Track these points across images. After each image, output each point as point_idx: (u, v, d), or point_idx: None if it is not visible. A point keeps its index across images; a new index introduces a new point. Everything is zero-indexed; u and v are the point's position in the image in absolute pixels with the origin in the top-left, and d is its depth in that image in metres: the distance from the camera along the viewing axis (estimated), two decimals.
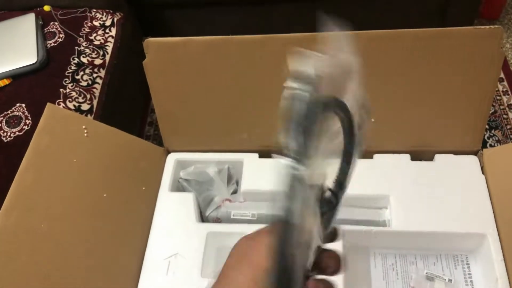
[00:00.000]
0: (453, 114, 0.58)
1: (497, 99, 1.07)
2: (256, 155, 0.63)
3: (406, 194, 0.56)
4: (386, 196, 0.57)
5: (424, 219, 0.54)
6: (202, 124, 0.62)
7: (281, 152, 0.25)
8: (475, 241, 0.54)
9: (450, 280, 0.54)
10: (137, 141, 0.63)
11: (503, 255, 0.50)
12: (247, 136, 0.63)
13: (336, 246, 0.53)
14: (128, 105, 0.97)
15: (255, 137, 0.63)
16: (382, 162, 0.60)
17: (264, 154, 0.63)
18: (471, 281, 0.54)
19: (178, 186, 0.64)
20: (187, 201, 0.60)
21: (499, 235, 0.52)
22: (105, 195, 0.55)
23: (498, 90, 1.09)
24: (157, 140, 0.97)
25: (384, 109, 0.57)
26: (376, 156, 0.60)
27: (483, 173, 0.57)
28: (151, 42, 0.54)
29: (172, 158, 0.64)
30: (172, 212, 0.59)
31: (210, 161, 0.64)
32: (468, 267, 0.55)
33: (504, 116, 1.04)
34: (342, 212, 0.59)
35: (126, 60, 0.94)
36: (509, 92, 1.07)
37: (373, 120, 0.57)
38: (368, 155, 0.60)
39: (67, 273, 0.48)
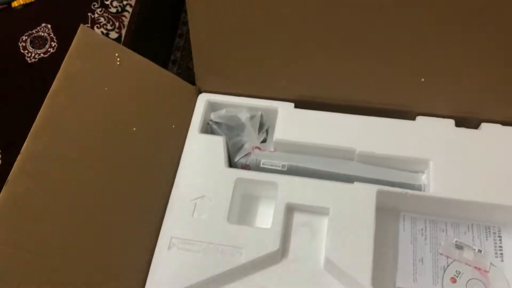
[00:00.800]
0: (507, 81, 0.54)
1: None
2: (292, 104, 0.60)
3: (446, 160, 0.54)
4: (426, 160, 0.54)
5: (462, 187, 0.52)
6: (240, 64, 0.59)
7: None
8: (510, 215, 0.52)
9: (479, 251, 0.53)
10: (170, 76, 0.60)
11: None
12: (285, 84, 0.60)
13: (369, 203, 0.52)
14: (156, 39, 0.93)
15: (293, 86, 0.60)
16: (425, 125, 0.57)
17: (300, 104, 0.60)
18: (501, 253, 0.53)
19: (208, 128, 0.61)
20: (216, 144, 0.58)
21: None
22: (134, 129, 0.53)
23: None
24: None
25: (435, 68, 0.54)
26: (418, 118, 0.57)
27: None
28: None
29: (203, 99, 0.62)
30: (201, 154, 0.57)
31: (243, 105, 0.61)
32: (500, 240, 0.54)
33: None
34: (377, 172, 0.57)
35: None
36: None
37: (423, 79, 0.54)
38: (410, 116, 0.57)
39: (94, 204, 0.47)
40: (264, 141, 0.62)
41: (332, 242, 0.50)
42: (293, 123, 0.58)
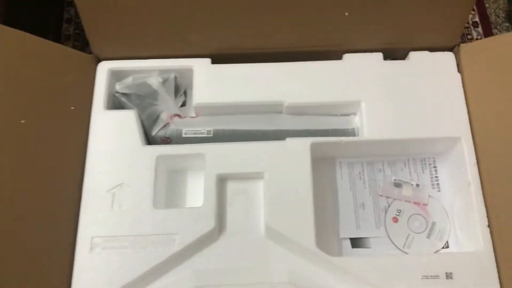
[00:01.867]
0: (431, 3, 0.50)
1: None
2: (209, 60, 0.53)
3: (377, 98, 0.51)
4: (357, 101, 0.51)
5: (395, 126, 0.50)
6: (139, 20, 0.50)
7: None
8: (447, 145, 0.51)
9: (417, 185, 0.53)
10: (58, 48, 0.50)
11: (477, 158, 0.48)
12: (196, 38, 0.52)
13: (304, 159, 0.49)
14: (39, 12, 0.78)
15: (205, 38, 0.52)
16: (353, 63, 0.52)
17: (218, 59, 0.53)
18: (437, 184, 0.53)
19: (115, 103, 0.53)
20: (127, 120, 0.51)
21: (473, 138, 0.49)
22: (22, 121, 0.44)
23: None
24: (80, 41, 0.81)
25: (359, 1, 0.48)
26: (345, 56, 0.53)
27: (459, 71, 0.52)
28: None
29: (104, 68, 0.53)
30: (111, 134, 0.50)
31: (152, 69, 0.53)
32: (436, 170, 0.54)
33: (468, 36, 0.96)
34: (308, 122, 0.53)
35: None
36: (474, 8, 0.95)
37: (346, 14, 0.48)
38: (337, 55, 0.53)
39: None
40: (183, 104, 0.55)
41: (270, 208, 0.47)
42: (212, 82, 0.52)
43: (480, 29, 0.92)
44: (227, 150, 0.49)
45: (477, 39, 0.90)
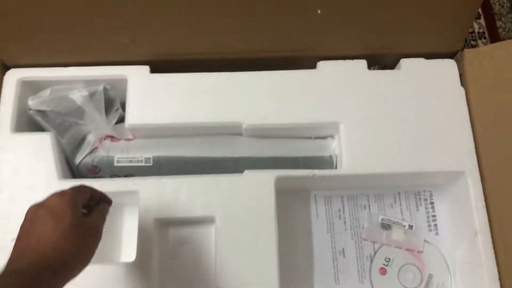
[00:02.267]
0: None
1: None
2: (147, 68, 0.42)
3: (360, 119, 0.40)
4: (334, 123, 0.40)
5: (383, 155, 0.39)
6: (59, 19, 0.38)
7: None
8: (448, 179, 0.41)
9: (410, 226, 0.42)
10: None
11: (485, 200, 0.38)
12: (129, 41, 0.41)
13: (266, 198, 0.38)
14: None
15: (143, 41, 0.41)
16: (329, 73, 0.42)
17: (159, 66, 0.42)
18: (435, 225, 0.43)
19: (28, 123, 0.42)
20: (42, 145, 0.39)
21: (480, 173, 0.38)
22: None
23: None
24: None
25: None
26: (320, 64, 0.42)
27: (462, 84, 0.41)
28: None
29: (13, 78, 0.41)
30: (20, 164, 0.39)
31: (75, 79, 0.42)
32: (433, 207, 0.43)
33: (472, 42, 0.84)
34: (274, 147, 0.42)
35: None
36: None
37: (319, 11, 0.37)
38: (309, 63, 0.42)
39: None
40: (122, 120, 0.44)
41: (223, 260, 0.36)
42: (151, 95, 0.41)
43: (482, 20, 0.80)
44: (168, 186, 0.38)
45: (478, 32, 0.78)
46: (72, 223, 0.27)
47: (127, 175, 0.41)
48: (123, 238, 0.40)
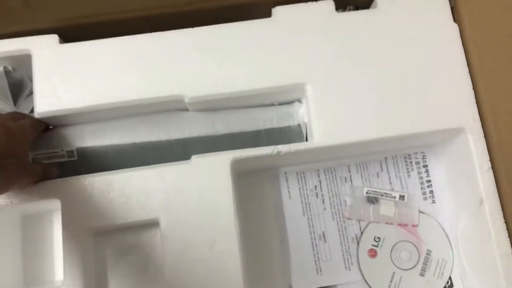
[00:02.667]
0: None
1: None
2: (55, 37, 0.32)
3: (331, 75, 0.32)
4: (300, 85, 0.32)
5: (362, 118, 0.32)
6: None
7: None
8: (440, 136, 0.34)
9: (402, 197, 0.36)
10: None
11: (491, 160, 0.31)
12: (22, 4, 0.31)
13: (222, 187, 0.30)
14: None
15: (41, 2, 0.32)
16: (288, 21, 0.33)
17: (69, 34, 0.33)
18: (431, 191, 0.36)
19: None
20: None
21: (484, 128, 0.31)
22: None
23: None
24: None
25: None
26: (276, 11, 0.33)
27: (455, 20, 0.33)
28: None
29: None
30: None
31: None
32: (427, 171, 0.36)
33: None
34: (231, 121, 0.34)
35: None
36: None
37: None
38: (262, 10, 0.33)
39: None
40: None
41: (173, 270, 0.29)
42: (64, 72, 0.32)
43: None
44: (97, 186, 0.30)
45: None
46: None
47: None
48: (56, 253, 0.33)
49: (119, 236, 0.32)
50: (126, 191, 0.30)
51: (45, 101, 0.31)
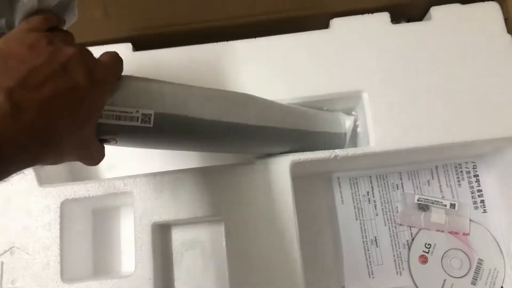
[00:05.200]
0: None
1: None
2: (128, 46, 0.35)
3: (386, 84, 0.33)
4: (356, 92, 0.34)
5: (417, 126, 0.33)
6: None
7: None
8: (492, 146, 0.34)
9: (452, 205, 0.36)
10: None
11: None
12: (101, 14, 0.34)
13: (282, 192, 0.32)
14: None
15: (119, 15, 0.35)
16: (345, 32, 0.35)
17: (142, 42, 0.35)
18: (482, 201, 0.37)
19: None
20: None
21: None
22: None
23: None
24: None
25: None
26: (334, 22, 0.35)
27: (509, 31, 0.34)
28: None
29: None
30: None
31: None
32: (478, 181, 0.37)
33: None
34: (297, 118, 0.33)
35: None
36: None
37: None
38: (320, 21, 0.35)
39: None
40: None
41: (237, 265, 0.31)
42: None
43: None
44: (166, 183, 0.32)
45: None
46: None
47: (109, 140, 0.26)
48: (123, 246, 0.35)
49: (185, 230, 0.34)
50: (193, 189, 0.32)
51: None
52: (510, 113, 0.32)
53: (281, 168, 0.32)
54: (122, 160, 0.37)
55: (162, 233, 0.33)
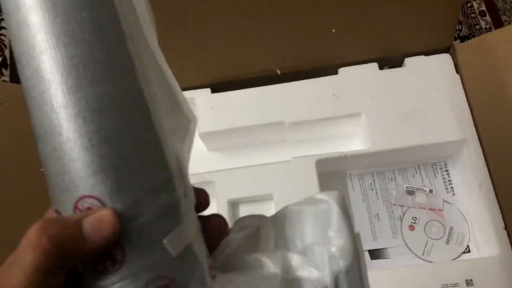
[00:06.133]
0: (420, 7, 0.50)
1: (467, 7, 0.93)
2: (208, 90, 0.55)
3: (378, 108, 0.51)
4: (357, 113, 0.51)
5: (399, 133, 0.50)
6: None
7: None
8: (454, 148, 0.51)
9: (430, 191, 0.52)
10: None
11: (485, 160, 0.47)
12: (194, 71, 0.54)
13: (311, 176, 0.50)
14: None
15: (203, 70, 0.54)
16: (349, 76, 0.53)
17: (218, 87, 0.55)
18: (451, 187, 0.52)
19: None
20: None
21: (479, 139, 0.48)
22: None
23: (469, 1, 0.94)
24: None
25: (344, 15, 0.49)
26: (341, 70, 0.54)
27: (457, 71, 0.52)
28: None
29: None
30: None
31: None
32: (448, 174, 0.53)
33: (477, 27, 0.93)
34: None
35: None
36: None
37: (334, 30, 0.49)
38: (332, 70, 0.53)
39: None
40: None
41: None
42: (213, 110, 0.54)
43: (488, 17, 0.89)
44: (237, 174, 0.50)
45: (486, 29, 0.87)
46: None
47: None
48: None
49: (247, 206, 0.51)
50: (253, 176, 0.50)
51: (203, 126, 0.53)
52: (461, 125, 0.49)
53: (308, 163, 0.49)
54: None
55: (233, 207, 0.50)
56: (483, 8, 0.90)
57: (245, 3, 0.48)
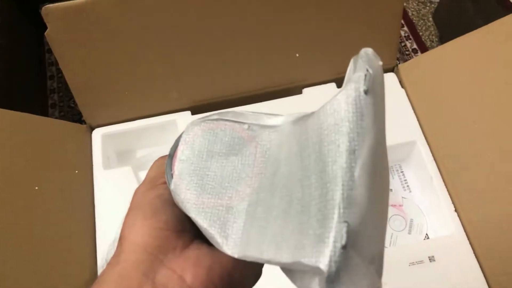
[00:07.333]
0: (367, 35, 0.60)
1: (402, 46, 1.09)
2: (188, 112, 0.61)
3: None
4: None
5: None
6: (124, 91, 0.58)
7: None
8: (407, 150, 0.59)
9: (391, 190, 0.59)
10: (56, 123, 0.57)
11: (433, 156, 0.56)
12: (177, 96, 0.60)
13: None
14: (23, 88, 0.86)
15: (185, 94, 0.60)
16: (311, 96, 0.61)
17: (197, 110, 0.61)
18: (407, 186, 0.60)
19: (112, 163, 0.60)
20: (126, 175, 0.57)
21: (426, 140, 0.57)
22: (36, 188, 0.50)
23: (401, 36, 1.10)
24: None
25: (305, 41, 0.58)
26: (305, 90, 0.61)
27: (402, 87, 0.61)
28: (51, 9, 0.48)
29: (98, 134, 0.60)
30: (114, 191, 0.56)
31: (141, 128, 0.60)
32: (403, 175, 0.61)
33: None
34: None
35: (13, 35, 0.82)
36: (411, 37, 1.10)
37: (297, 55, 0.58)
38: (297, 90, 0.61)
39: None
40: None
41: None
42: None
43: (419, 53, 1.08)
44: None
45: None
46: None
47: None
48: None
49: None
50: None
51: None
52: (411, 129, 0.58)
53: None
54: None
55: None
56: (415, 46, 1.08)
57: (219, 36, 0.55)
